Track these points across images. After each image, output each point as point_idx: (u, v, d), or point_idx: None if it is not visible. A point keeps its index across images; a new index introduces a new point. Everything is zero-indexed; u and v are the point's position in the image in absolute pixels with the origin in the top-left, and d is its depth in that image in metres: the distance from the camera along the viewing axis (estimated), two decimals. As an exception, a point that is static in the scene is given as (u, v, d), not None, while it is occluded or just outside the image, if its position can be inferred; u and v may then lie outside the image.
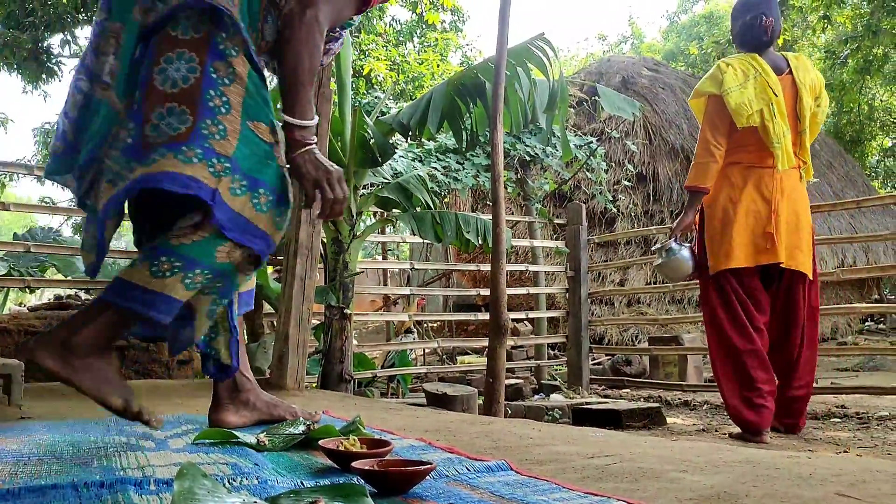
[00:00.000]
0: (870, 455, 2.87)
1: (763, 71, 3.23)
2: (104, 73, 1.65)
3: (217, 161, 1.56)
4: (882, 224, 11.21)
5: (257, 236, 1.61)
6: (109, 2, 1.70)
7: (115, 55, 1.66)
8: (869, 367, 6.75)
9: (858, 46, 15.22)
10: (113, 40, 1.66)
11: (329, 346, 4.02)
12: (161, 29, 1.63)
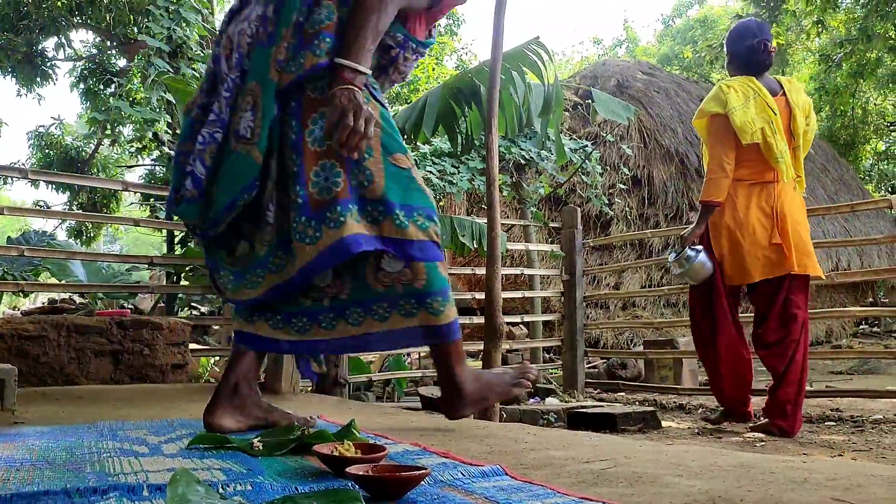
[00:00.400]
0: (864, 458, 2.87)
1: (761, 92, 3.43)
2: (242, 129, 1.82)
3: (372, 208, 1.81)
4: (876, 228, 11.26)
5: (437, 249, 1.91)
6: (242, 62, 1.88)
7: (252, 112, 1.82)
8: (863, 371, 6.77)
9: (852, 50, 15.28)
10: (250, 98, 1.83)
11: (324, 350, 4.01)
12: (299, 89, 1.82)
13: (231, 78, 1.88)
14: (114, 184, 5.93)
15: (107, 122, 8.33)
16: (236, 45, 1.90)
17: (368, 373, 5.11)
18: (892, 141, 20.87)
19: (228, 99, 1.88)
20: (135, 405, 2.67)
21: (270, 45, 1.84)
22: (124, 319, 3.64)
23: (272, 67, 1.82)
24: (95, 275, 6.27)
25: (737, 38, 3.61)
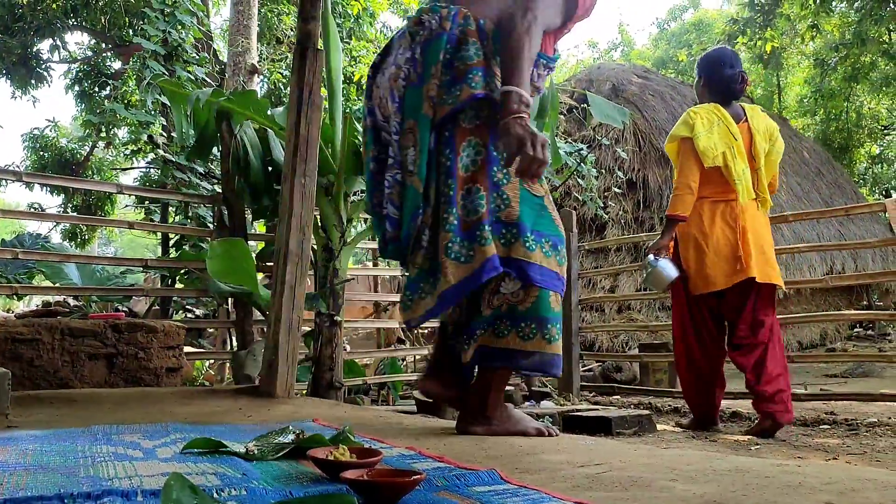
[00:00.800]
0: (859, 462, 2.88)
1: (725, 119, 3.70)
2: (409, 163, 2.02)
3: (506, 231, 1.98)
4: (870, 231, 11.29)
5: (557, 279, 2.04)
6: (401, 104, 2.06)
7: (413, 147, 2.01)
8: (857, 374, 6.78)
9: (846, 54, 15.34)
10: (410, 135, 2.02)
11: (319, 354, 4.01)
12: (452, 121, 1.99)
13: (396, 121, 2.07)
14: (108, 186, 5.91)
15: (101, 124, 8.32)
16: (390, 91, 2.10)
17: (363, 376, 5.10)
18: (885, 145, 20.94)
19: (398, 141, 2.07)
20: (129, 409, 2.66)
21: (421, 84, 2.03)
22: (119, 322, 3.63)
23: (426, 103, 2.00)
24: (89, 277, 6.25)
25: (715, 66, 3.84)
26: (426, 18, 2.07)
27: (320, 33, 3.53)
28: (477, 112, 2.00)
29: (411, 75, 2.06)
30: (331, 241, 4.05)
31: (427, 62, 2.03)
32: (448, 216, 1.96)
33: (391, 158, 2.08)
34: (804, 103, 19.86)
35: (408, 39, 2.11)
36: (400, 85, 2.07)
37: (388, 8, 12.54)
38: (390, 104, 2.09)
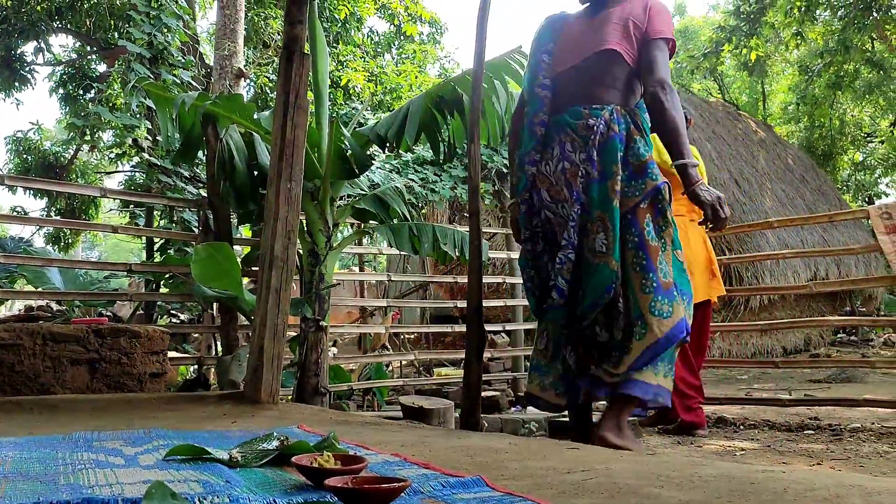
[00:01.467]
0: (843, 467, 2.89)
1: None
2: (598, 246, 2.38)
3: (677, 293, 2.41)
4: (854, 237, 11.38)
5: (684, 324, 2.41)
6: (580, 197, 2.41)
7: (604, 233, 2.38)
8: (841, 379, 6.81)
9: (830, 62, 15.47)
10: (599, 223, 2.39)
11: (304, 359, 3.99)
12: (634, 206, 2.42)
13: (575, 211, 2.41)
14: (92, 190, 5.86)
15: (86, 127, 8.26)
16: (568, 184, 2.46)
17: (349, 381, 5.08)
18: (868, 152, 21.14)
19: (574, 227, 2.41)
20: (111, 415, 2.63)
21: (605, 180, 2.41)
22: (101, 327, 3.59)
23: (614, 197, 2.38)
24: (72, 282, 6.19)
25: None
26: (594, 123, 2.43)
27: (307, 37, 3.53)
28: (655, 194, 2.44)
29: (592, 173, 2.41)
30: (317, 246, 4.04)
31: (606, 161, 2.42)
32: (646, 281, 2.38)
33: (564, 241, 2.43)
34: (788, 110, 20.02)
35: (578, 140, 2.46)
36: (580, 181, 2.43)
37: (374, 13, 12.53)
38: (568, 194, 2.46)
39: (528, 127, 2.58)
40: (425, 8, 12.95)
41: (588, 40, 2.53)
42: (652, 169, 2.43)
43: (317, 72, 4.01)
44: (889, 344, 10.04)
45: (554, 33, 2.64)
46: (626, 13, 2.50)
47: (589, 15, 2.62)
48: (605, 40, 2.48)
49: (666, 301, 2.37)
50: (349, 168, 4.03)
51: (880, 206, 4.33)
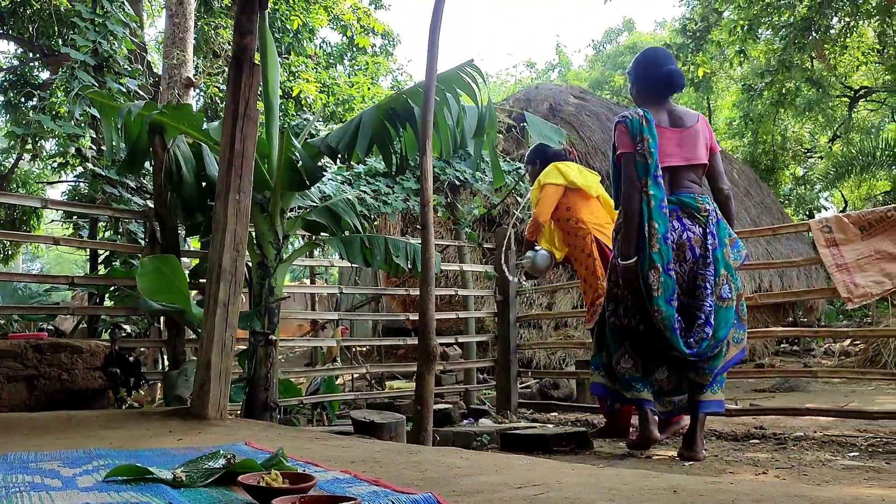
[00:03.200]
0: (787, 476, 2.94)
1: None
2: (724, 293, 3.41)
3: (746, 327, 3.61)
4: (796, 250, 11.68)
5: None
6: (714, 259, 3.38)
7: (727, 284, 3.44)
8: (784, 388, 6.98)
9: (772, 80, 15.92)
10: (724, 278, 3.42)
11: (253, 373, 3.92)
12: None
13: (711, 271, 3.33)
14: (33, 200, 5.68)
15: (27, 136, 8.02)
16: (689, 247, 3.38)
17: (300, 395, 5.01)
18: (808, 167, 21.79)
19: (711, 280, 3.32)
20: (50, 434, 2.54)
21: (721, 247, 3.40)
22: (41, 342, 3.48)
23: (729, 260, 3.42)
24: (11, 295, 5.99)
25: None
26: (709, 207, 3.44)
27: (257, 48, 3.49)
28: None
29: (714, 242, 3.37)
30: (266, 259, 3.98)
31: (720, 235, 3.41)
32: (735, 318, 3.44)
33: (706, 290, 3.30)
34: (733, 126, 20.54)
35: (699, 217, 3.40)
36: (709, 247, 3.36)
37: (327, 24, 12.48)
38: (691, 255, 3.37)
39: (658, 207, 3.34)
40: (378, 20, 12.95)
41: (686, 150, 3.48)
42: (739, 241, 3.56)
43: (267, 82, 3.97)
44: (829, 353, 10.32)
45: (654, 137, 3.41)
46: (704, 133, 3.54)
47: (676, 125, 3.53)
48: (699, 156, 3.50)
49: (742, 331, 3.50)
50: (300, 179, 3.99)
51: (821, 219, 4.45)
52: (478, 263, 7.46)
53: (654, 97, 3.61)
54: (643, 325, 3.37)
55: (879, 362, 7.77)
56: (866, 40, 17.56)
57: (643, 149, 3.37)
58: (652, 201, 3.33)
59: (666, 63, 3.73)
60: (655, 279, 3.27)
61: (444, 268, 5.94)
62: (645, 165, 3.35)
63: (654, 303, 3.27)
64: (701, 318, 3.25)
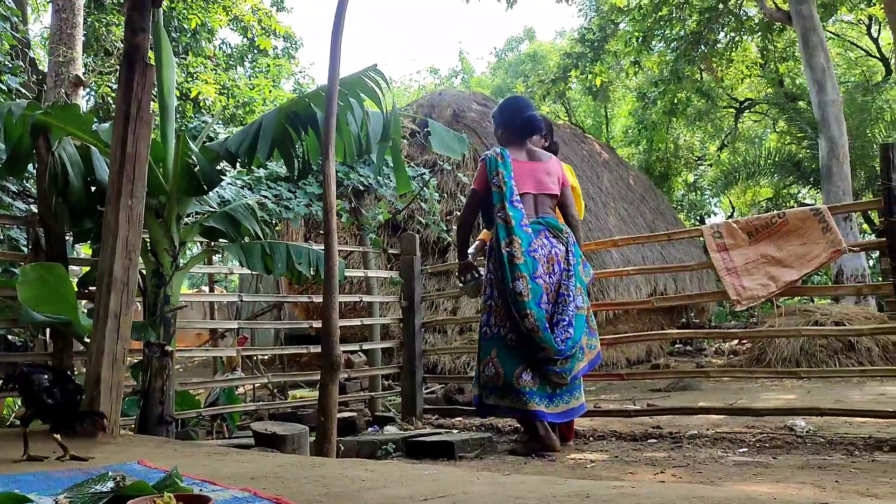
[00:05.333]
0: (684, 474, 3.04)
1: None
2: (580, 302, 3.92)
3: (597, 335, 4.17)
4: (689, 254, 12.19)
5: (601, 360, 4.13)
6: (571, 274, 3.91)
7: (581, 297, 3.95)
8: (679, 388, 7.24)
9: (665, 90, 16.58)
10: (578, 290, 3.93)
11: (148, 386, 3.74)
12: None
13: (571, 280, 3.83)
14: None
15: None
16: (556, 261, 3.85)
17: (197, 407, 4.83)
18: (699, 174, 22.83)
19: (572, 290, 3.81)
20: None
21: (579, 265, 3.93)
22: None
23: (583, 276, 3.97)
24: None
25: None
26: (561, 229, 3.95)
27: (151, 46, 3.34)
28: None
29: (574, 259, 3.88)
30: (161, 266, 3.82)
31: (576, 253, 3.93)
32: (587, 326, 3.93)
33: (570, 297, 3.79)
34: (629, 134, 21.29)
35: (558, 238, 3.91)
36: (570, 261, 3.87)
37: (227, 24, 12.16)
38: (558, 268, 3.85)
39: (518, 225, 3.77)
40: (280, 22, 12.71)
41: (541, 182, 3.98)
42: (586, 262, 4.10)
43: (162, 82, 3.81)
44: (720, 352, 10.81)
45: (508, 170, 3.92)
46: (556, 171, 4.08)
47: (532, 160, 4.06)
48: (551, 187, 4.00)
49: (593, 338, 4.01)
50: (197, 184, 3.85)
51: (712, 225, 4.64)
52: (383, 269, 7.42)
53: (516, 139, 4.12)
54: (513, 333, 3.75)
55: (765, 361, 8.19)
56: (750, 55, 18.57)
57: (498, 180, 3.89)
58: (511, 220, 3.79)
59: (526, 110, 4.19)
60: (524, 287, 3.68)
61: (349, 274, 5.87)
62: (500, 194, 3.86)
63: (525, 307, 3.65)
64: (565, 320, 3.72)
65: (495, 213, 3.87)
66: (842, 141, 11.35)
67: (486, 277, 4.03)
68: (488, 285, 3.93)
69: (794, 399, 5.97)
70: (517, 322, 3.68)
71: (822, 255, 4.18)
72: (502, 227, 3.80)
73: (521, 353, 3.72)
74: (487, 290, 3.92)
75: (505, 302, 3.75)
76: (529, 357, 3.72)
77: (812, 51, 11.60)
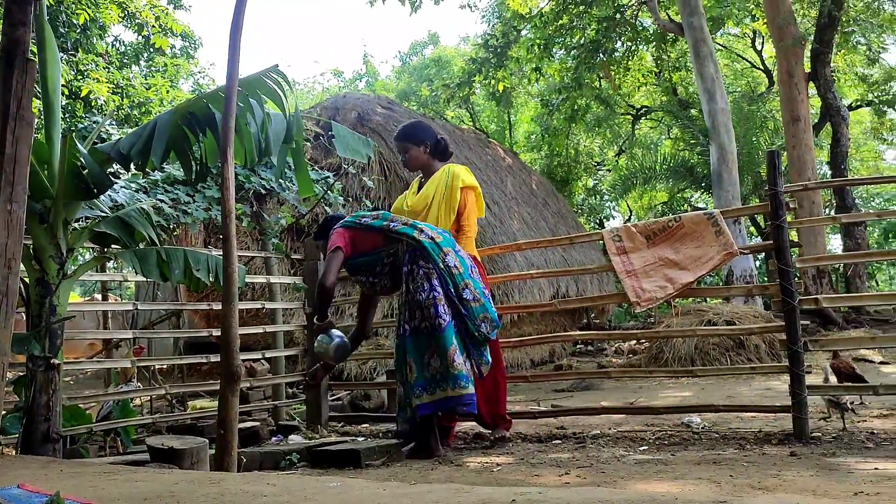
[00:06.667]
0: (587, 474, 3.09)
1: None
2: (467, 295, 4.11)
3: None
4: (589, 257, 12.50)
5: None
6: (467, 277, 4.14)
7: (469, 289, 4.14)
8: (581, 387, 7.41)
9: (566, 97, 16.98)
10: (469, 288, 4.12)
11: (32, 402, 3.52)
12: None
13: (470, 285, 4.07)
14: None
15: None
16: (456, 269, 4.05)
17: (88, 422, 4.58)
18: (598, 179, 23.52)
19: (467, 292, 4.05)
20: None
21: (469, 270, 4.12)
22: None
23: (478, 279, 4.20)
24: None
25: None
26: (455, 249, 4.15)
27: (33, 41, 3.15)
28: None
29: (460, 266, 4.06)
30: (47, 275, 3.60)
31: (464, 264, 4.10)
32: None
33: (463, 295, 4.02)
34: (531, 139, 21.72)
35: (449, 253, 4.06)
36: (464, 267, 4.08)
37: (119, 20, 11.66)
38: (463, 272, 4.05)
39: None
40: (177, 20, 12.27)
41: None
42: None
43: (46, 80, 3.60)
44: (619, 352, 11.13)
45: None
46: None
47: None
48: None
49: None
50: (86, 187, 3.65)
51: (612, 229, 4.76)
52: (286, 275, 7.27)
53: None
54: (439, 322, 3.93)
55: (662, 360, 8.48)
56: (646, 64, 19.28)
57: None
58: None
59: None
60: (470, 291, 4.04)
61: (251, 280, 5.72)
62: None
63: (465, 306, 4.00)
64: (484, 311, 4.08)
65: None
66: (731, 148, 11.92)
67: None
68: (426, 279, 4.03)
69: (690, 396, 6.20)
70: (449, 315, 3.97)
71: (716, 258, 4.35)
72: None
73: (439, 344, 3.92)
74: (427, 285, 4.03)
75: (446, 296, 4.00)
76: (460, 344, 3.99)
77: (702, 61, 12.13)
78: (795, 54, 12.98)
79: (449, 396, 3.84)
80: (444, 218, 4.45)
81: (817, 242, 12.42)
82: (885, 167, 24.65)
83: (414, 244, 4.04)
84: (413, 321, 3.98)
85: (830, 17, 13.11)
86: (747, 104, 17.66)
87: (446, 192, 4.48)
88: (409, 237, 4.07)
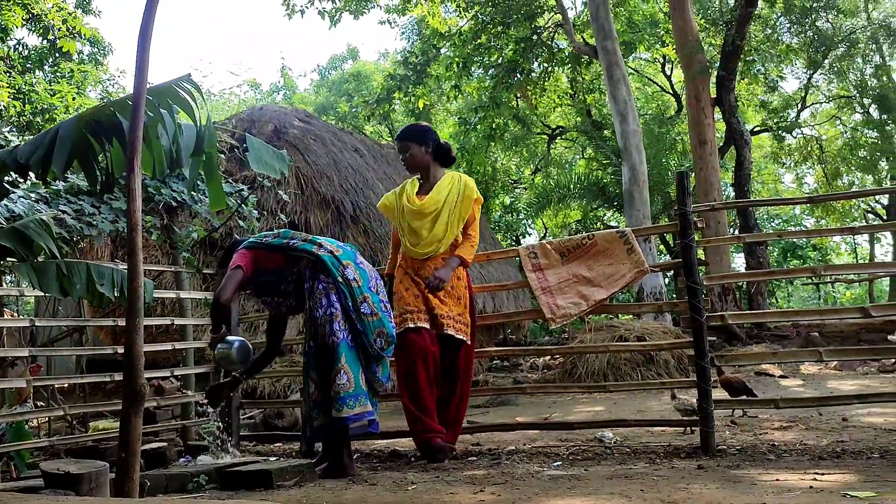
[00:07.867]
0: (502, 491, 3.09)
1: None
2: (364, 309, 4.06)
3: None
4: (506, 274, 12.63)
5: None
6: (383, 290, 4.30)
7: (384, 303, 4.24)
8: (497, 403, 7.45)
9: (484, 115, 17.19)
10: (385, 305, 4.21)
11: (-86, 426, 3.28)
12: None
13: (383, 299, 4.15)
14: None
15: None
16: (355, 281, 4.01)
17: (-22, 447, 4.31)
18: (515, 196, 23.88)
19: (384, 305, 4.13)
20: None
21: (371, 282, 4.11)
22: None
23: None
24: None
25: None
26: (356, 261, 4.13)
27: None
28: None
29: (359, 279, 4.02)
30: (-66, 289, 3.37)
31: (364, 277, 4.07)
32: None
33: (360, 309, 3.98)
34: (450, 156, 21.83)
35: (348, 266, 4.05)
36: (364, 280, 4.04)
37: (23, 24, 11.14)
38: (362, 285, 4.02)
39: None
40: (86, 24, 11.82)
41: None
42: None
43: (-63, 82, 3.39)
44: (534, 367, 11.27)
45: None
46: None
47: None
48: None
49: None
50: (-18, 196, 3.45)
51: (528, 246, 4.82)
52: (197, 290, 7.06)
53: None
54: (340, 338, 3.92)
55: (576, 375, 8.62)
56: (561, 85, 19.75)
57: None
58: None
59: None
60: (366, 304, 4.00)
61: (160, 295, 5.53)
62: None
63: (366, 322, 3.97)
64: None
65: None
66: (642, 168, 12.30)
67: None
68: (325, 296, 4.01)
69: (603, 410, 6.32)
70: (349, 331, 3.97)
71: (628, 275, 4.46)
72: None
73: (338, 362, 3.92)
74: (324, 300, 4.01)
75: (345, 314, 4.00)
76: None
77: (615, 84, 12.50)
78: (702, 81, 13.52)
79: (338, 418, 3.84)
80: (453, 224, 4.49)
81: (723, 261, 12.92)
82: (784, 189, 25.94)
83: (314, 259, 4.01)
84: (317, 338, 3.97)
85: (734, 46, 13.72)
86: (658, 126, 18.29)
87: (459, 201, 4.50)
88: (308, 252, 4.05)
